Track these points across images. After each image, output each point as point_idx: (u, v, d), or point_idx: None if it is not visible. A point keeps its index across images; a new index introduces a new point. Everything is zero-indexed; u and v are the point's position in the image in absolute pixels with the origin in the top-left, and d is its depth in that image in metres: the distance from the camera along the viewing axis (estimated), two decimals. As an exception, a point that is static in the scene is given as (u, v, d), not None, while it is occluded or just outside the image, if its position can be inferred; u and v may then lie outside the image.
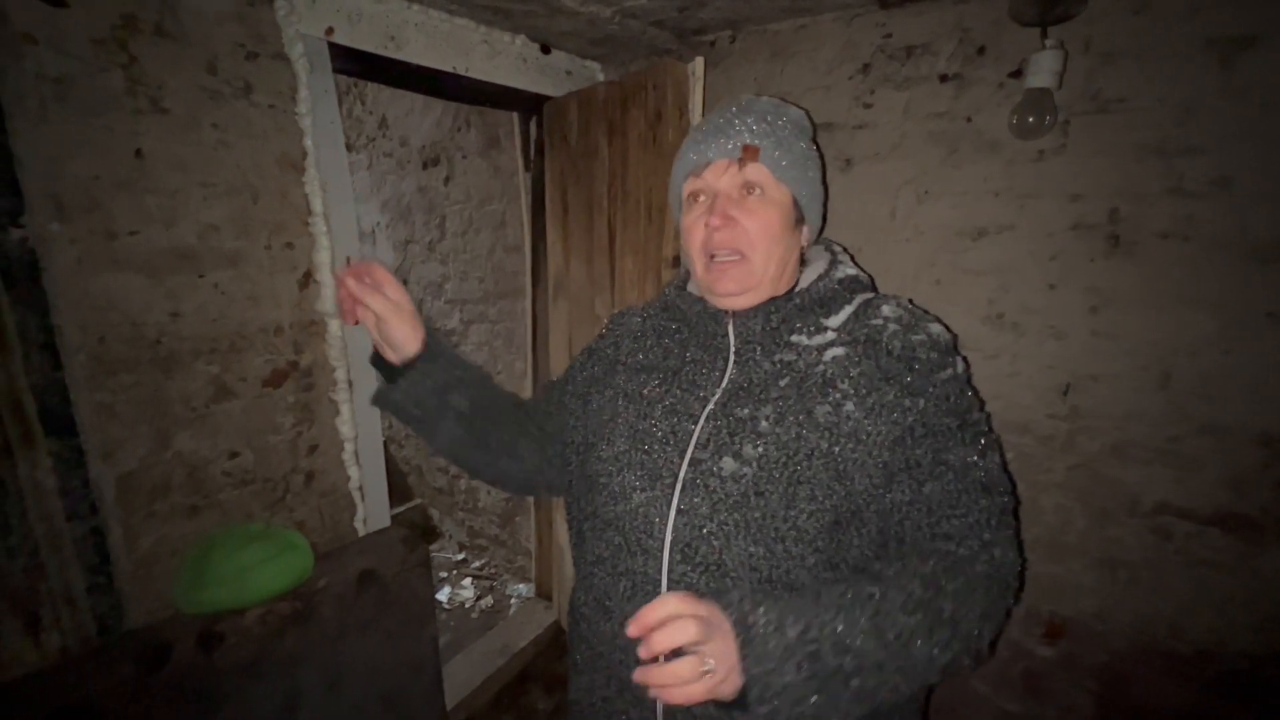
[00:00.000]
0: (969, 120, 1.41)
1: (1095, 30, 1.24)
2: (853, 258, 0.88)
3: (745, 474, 0.72)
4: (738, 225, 0.78)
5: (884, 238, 1.55)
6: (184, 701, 1.12)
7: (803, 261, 0.89)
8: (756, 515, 0.71)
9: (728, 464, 0.73)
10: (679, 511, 0.74)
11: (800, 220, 0.84)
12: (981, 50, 1.37)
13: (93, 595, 1.15)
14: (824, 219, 0.90)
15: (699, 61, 1.53)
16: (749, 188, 0.80)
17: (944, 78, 1.42)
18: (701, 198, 0.82)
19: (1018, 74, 1.32)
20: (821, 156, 0.89)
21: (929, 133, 1.46)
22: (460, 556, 3.17)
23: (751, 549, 0.71)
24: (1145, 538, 1.30)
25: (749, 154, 0.79)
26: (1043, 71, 1.21)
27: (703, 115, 1.56)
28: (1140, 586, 1.32)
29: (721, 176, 0.80)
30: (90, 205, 1.09)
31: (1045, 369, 1.39)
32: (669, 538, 0.74)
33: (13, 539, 1.06)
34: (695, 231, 0.81)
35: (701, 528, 0.72)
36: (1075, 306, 1.34)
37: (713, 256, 0.80)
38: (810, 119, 0.89)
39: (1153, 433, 1.28)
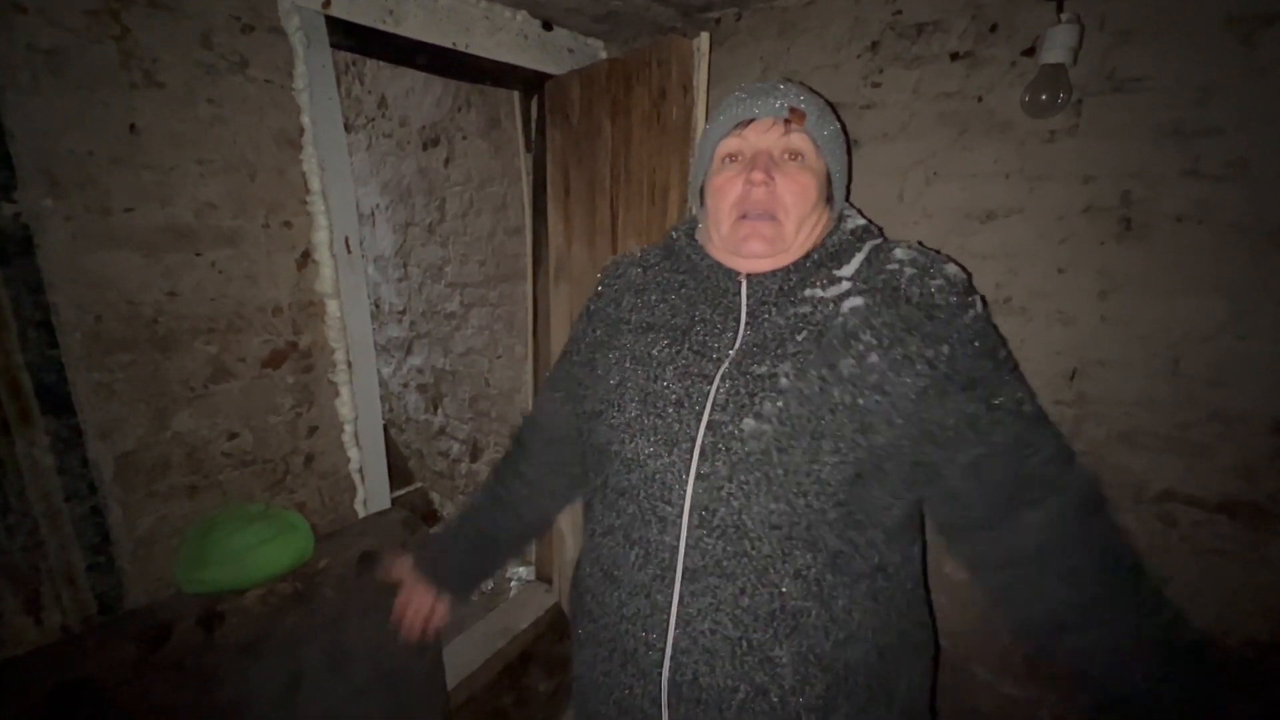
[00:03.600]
0: (980, 100, 1.37)
1: (1112, 6, 1.20)
2: (860, 211, 0.86)
3: (765, 430, 0.69)
4: (777, 187, 0.76)
5: (892, 220, 1.53)
6: (185, 680, 1.12)
7: None
8: (779, 471, 0.69)
9: (749, 424, 0.70)
10: (699, 476, 0.71)
11: (829, 200, 0.82)
12: (994, 28, 1.33)
13: (93, 574, 1.15)
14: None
15: (704, 37, 1.49)
16: (793, 153, 0.77)
17: (955, 56, 1.39)
18: (740, 157, 0.79)
19: (1030, 52, 1.29)
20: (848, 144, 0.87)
21: (939, 113, 1.43)
22: (462, 540, 3.18)
23: (772, 506, 0.69)
24: (1151, 525, 1.29)
25: (796, 117, 0.76)
26: (1058, 47, 1.18)
27: (708, 93, 1.53)
28: (1144, 574, 1.32)
29: (765, 135, 0.77)
30: (85, 181, 1.08)
31: (1053, 354, 1.37)
32: (688, 503, 0.72)
33: (12, 518, 1.06)
34: (730, 188, 0.78)
35: (720, 489, 0.70)
36: (1084, 291, 1.32)
37: (745, 215, 0.77)
38: (834, 110, 0.87)
39: (1162, 419, 1.26)
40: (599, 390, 0.84)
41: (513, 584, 2.75)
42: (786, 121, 0.76)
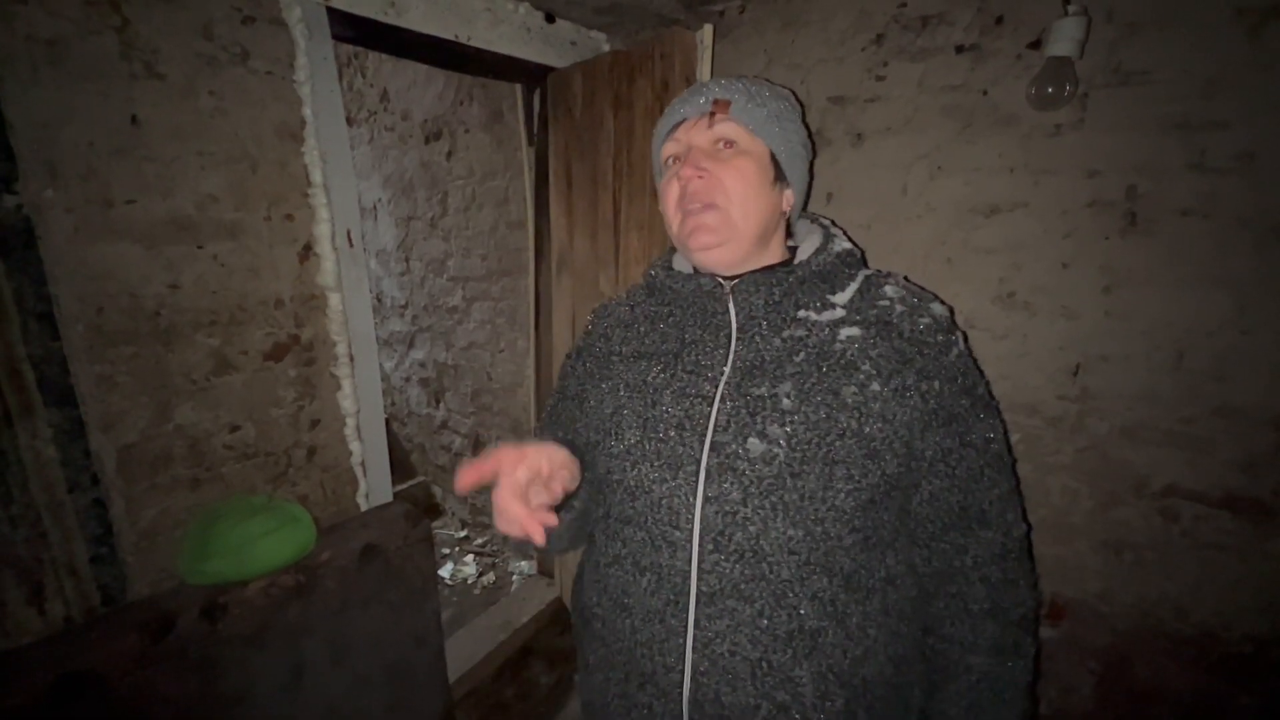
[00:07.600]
0: (985, 93, 1.36)
1: (1119, -2, 1.19)
2: (845, 231, 0.87)
3: (776, 455, 0.69)
4: (711, 176, 0.76)
5: (895, 214, 1.52)
6: (188, 670, 1.13)
7: (789, 233, 0.88)
8: (794, 497, 0.69)
9: (754, 445, 0.70)
10: (706, 499, 0.71)
11: (781, 179, 0.81)
12: (1000, 20, 1.32)
13: (96, 566, 1.15)
14: (810, 184, 0.88)
15: (707, 29, 1.49)
16: (726, 142, 0.78)
17: (960, 49, 1.38)
18: (679, 157, 0.80)
19: (1036, 45, 1.28)
20: (807, 126, 0.87)
21: (943, 106, 1.42)
22: (463, 534, 3.19)
23: (790, 532, 0.69)
24: (1152, 520, 1.29)
25: (719, 107, 0.77)
26: (1064, 39, 1.17)
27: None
28: (1145, 569, 1.31)
29: (693, 132, 0.79)
30: (86, 173, 1.08)
31: (1056, 350, 1.37)
32: (697, 527, 0.71)
33: (15, 509, 1.06)
34: (670, 189, 0.80)
35: (735, 513, 0.70)
36: (1088, 286, 1.31)
37: (688, 210, 0.78)
38: (796, 97, 0.87)
39: (1164, 414, 1.26)
40: (593, 420, 0.83)
41: (514, 578, 2.76)
42: (711, 115, 0.78)
